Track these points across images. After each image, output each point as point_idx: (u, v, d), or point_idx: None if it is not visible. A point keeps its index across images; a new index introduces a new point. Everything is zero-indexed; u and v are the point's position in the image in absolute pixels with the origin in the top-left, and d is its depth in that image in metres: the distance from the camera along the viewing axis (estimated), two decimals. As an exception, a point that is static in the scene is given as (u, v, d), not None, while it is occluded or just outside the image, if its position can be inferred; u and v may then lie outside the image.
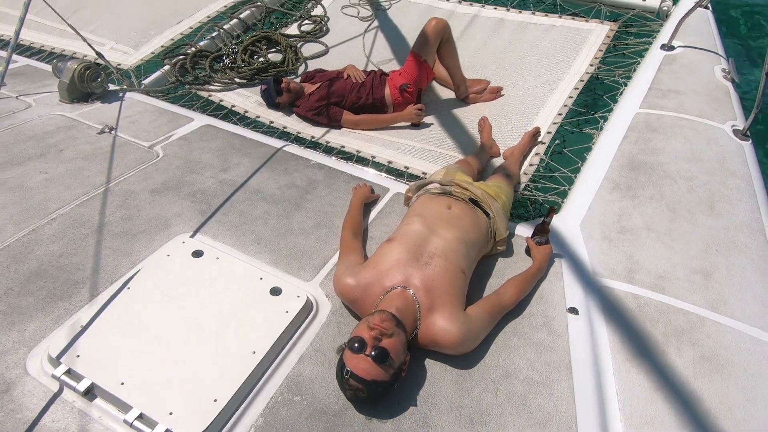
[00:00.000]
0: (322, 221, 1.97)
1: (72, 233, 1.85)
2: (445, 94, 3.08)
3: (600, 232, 1.94)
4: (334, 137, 2.80)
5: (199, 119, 2.61)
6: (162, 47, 3.46)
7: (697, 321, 1.60)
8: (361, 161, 2.62)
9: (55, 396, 1.34)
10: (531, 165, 2.53)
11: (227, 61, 3.33)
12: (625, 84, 2.82)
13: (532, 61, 3.19)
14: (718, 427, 1.32)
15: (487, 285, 1.76)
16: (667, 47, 2.86)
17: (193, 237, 1.85)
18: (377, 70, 3.07)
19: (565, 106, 2.82)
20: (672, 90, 2.57)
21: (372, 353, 1.25)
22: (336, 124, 2.87)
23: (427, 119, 2.87)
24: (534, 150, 2.61)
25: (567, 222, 2.00)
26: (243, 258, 1.78)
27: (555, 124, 2.73)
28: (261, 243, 1.86)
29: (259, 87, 3.01)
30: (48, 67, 2.97)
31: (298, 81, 3.06)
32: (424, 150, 2.68)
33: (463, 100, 2.99)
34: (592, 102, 2.85)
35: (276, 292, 1.60)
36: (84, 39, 2.83)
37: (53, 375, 1.36)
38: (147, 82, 3.10)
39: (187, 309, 1.53)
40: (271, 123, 2.92)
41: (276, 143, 2.46)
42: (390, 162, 2.61)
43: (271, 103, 2.98)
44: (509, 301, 1.60)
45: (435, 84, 3.13)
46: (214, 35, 3.52)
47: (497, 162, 2.56)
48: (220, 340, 1.45)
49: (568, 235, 1.94)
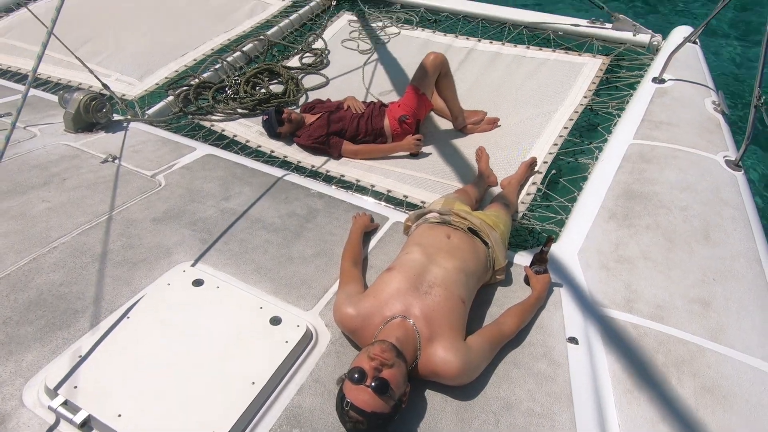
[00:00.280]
0: (322, 250, 1.98)
1: (73, 262, 1.85)
2: (443, 124, 3.15)
3: (598, 260, 1.95)
4: (333, 166, 2.84)
5: (202, 149, 2.65)
6: (166, 78, 3.54)
7: (697, 351, 1.60)
8: (361, 190, 2.65)
9: (51, 429, 1.32)
10: (528, 194, 2.57)
11: (230, 92, 3.41)
12: (619, 115, 2.89)
13: (527, 93, 3.27)
14: None
15: (487, 314, 1.76)
16: (658, 80, 2.95)
17: (194, 266, 1.86)
18: (377, 101, 3.15)
19: (561, 136, 2.88)
20: (664, 122, 2.63)
21: (372, 384, 1.25)
22: (336, 153, 2.91)
23: (426, 149, 2.92)
24: (531, 179, 2.65)
25: (565, 251, 2.02)
26: (243, 287, 1.78)
27: (551, 154, 2.78)
28: (261, 272, 1.86)
29: (261, 117, 3.08)
30: (54, 98, 3.03)
31: (298, 112, 3.12)
32: (422, 179, 2.72)
33: (461, 130, 3.05)
34: (586, 132, 2.91)
35: (276, 321, 1.60)
36: (91, 71, 2.90)
37: (49, 406, 1.35)
38: (151, 112, 3.16)
39: (187, 339, 1.53)
40: (272, 152, 2.97)
41: (277, 172, 2.49)
42: (389, 191, 2.64)
43: (273, 133, 3.03)
44: (509, 331, 1.60)
45: (433, 115, 3.20)
46: (217, 67, 3.61)
47: (495, 191, 2.60)
48: (219, 370, 1.44)
49: (566, 264, 1.96)
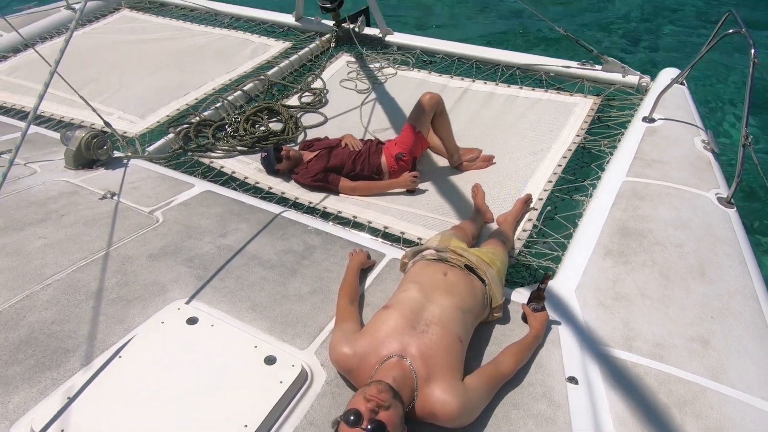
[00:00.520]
0: (318, 287, 1.97)
1: (66, 299, 1.83)
2: (440, 161, 3.20)
3: (595, 298, 1.95)
4: (331, 203, 2.87)
5: (200, 185, 2.67)
6: (168, 116, 3.61)
7: (699, 391, 1.58)
8: (358, 226, 2.66)
9: (35, 474, 1.28)
10: (524, 230, 2.58)
11: (230, 130, 3.47)
12: (611, 153, 2.94)
13: (521, 132, 3.34)
14: None
15: (485, 353, 1.74)
16: (648, 119, 3.02)
17: (189, 303, 1.84)
18: (374, 139, 3.21)
19: (555, 173, 2.93)
20: (656, 160, 2.68)
21: (369, 427, 1.22)
22: (333, 190, 2.94)
23: (422, 186, 2.96)
24: (527, 216, 2.67)
25: (562, 288, 2.02)
26: (238, 325, 1.76)
27: (546, 190, 2.82)
28: (257, 309, 1.84)
29: (260, 154, 3.12)
30: (56, 135, 3.07)
31: (297, 149, 3.17)
32: (419, 216, 2.74)
33: (457, 167, 3.10)
34: (580, 170, 2.96)
35: (270, 361, 1.57)
36: (93, 109, 2.96)
37: (35, 451, 1.30)
38: (151, 149, 3.21)
39: (179, 379, 1.50)
40: (270, 189, 3.00)
41: (274, 209, 2.51)
42: (386, 227, 2.65)
43: (271, 170, 3.07)
44: (507, 371, 1.58)
45: (429, 152, 3.25)
46: (218, 106, 3.69)
47: (491, 227, 2.61)
48: (212, 412, 1.40)
49: (563, 301, 1.95)
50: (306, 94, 3.92)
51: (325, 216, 2.74)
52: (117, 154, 2.95)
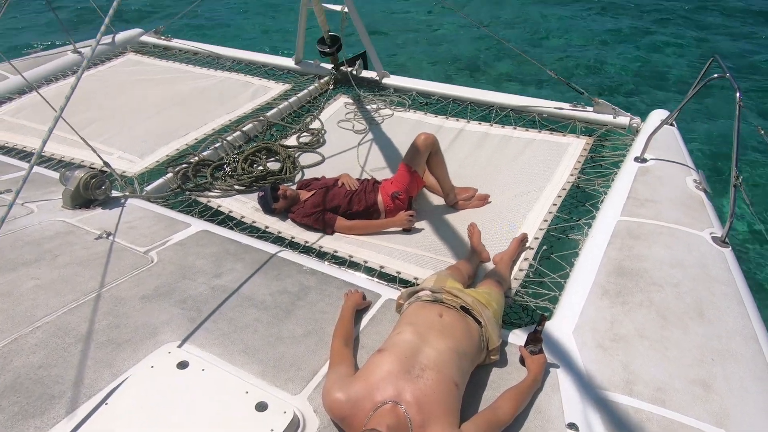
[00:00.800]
0: (312, 329, 1.94)
1: (55, 342, 1.80)
2: (435, 200, 3.22)
3: (593, 339, 1.92)
4: (327, 242, 2.87)
5: (197, 225, 2.68)
6: (167, 156, 3.66)
7: (703, 438, 1.53)
8: (354, 266, 2.65)
9: None
10: (521, 270, 2.57)
11: (228, 169, 3.51)
12: (605, 193, 2.97)
13: (516, 171, 3.39)
14: None
15: (482, 398, 1.69)
16: (640, 159, 3.07)
17: (180, 346, 1.81)
18: (370, 178, 3.24)
19: (550, 213, 2.95)
20: (649, 199, 2.71)
21: (361, 479, 1.17)
22: (330, 229, 2.95)
23: (418, 224, 2.97)
24: (523, 255, 2.67)
25: (560, 329, 1.99)
26: (230, 369, 1.72)
27: (542, 230, 2.83)
28: (249, 352, 1.81)
29: (257, 193, 3.15)
30: (55, 175, 3.10)
31: (294, 188, 3.20)
32: (415, 255, 2.73)
33: (452, 206, 3.12)
34: (575, 209, 2.98)
35: (262, 407, 1.53)
36: (93, 149, 3.00)
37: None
38: (149, 188, 3.23)
39: (167, 427, 1.45)
40: (266, 228, 3.00)
41: (270, 248, 2.50)
42: (382, 267, 2.64)
43: (268, 209, 3.08)
44: (506, 417, 1.53)
45: (425, 191, 3.29)
46: (217, 146, 3.75)
47: (488, 267, 2.60)
48: (198, 463, 1.35)
49: (561, 343, 1.92)
50: (304, 134, 4.00)
51: (321, 255, 2.74)
52: (115, 193, 2.97)
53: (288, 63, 5.02)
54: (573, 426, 1.58)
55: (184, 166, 3.48)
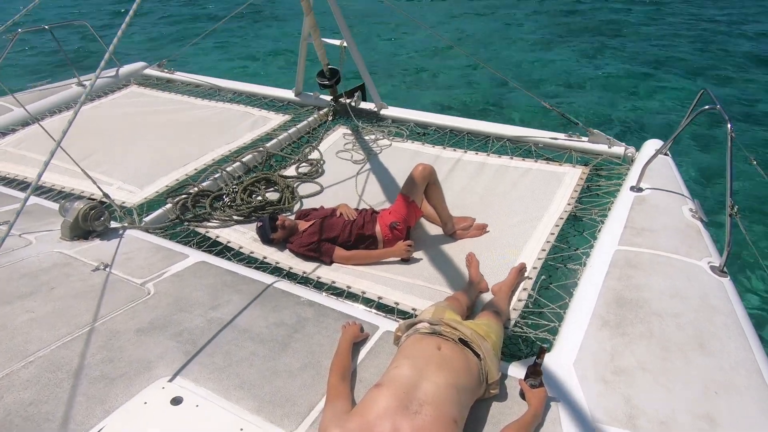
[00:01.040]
0: (309, 362, 1.91)
1: (47, 378, 1.77)
2: (433, 230, 3.23)
3: (594, 372, 1.89)
4: (325, 273, 2.85)
5: (194, 256, 2.67)
6: (167, 187, 3.68)
7: (709, 476, 1.49)
8: (352, 297, 2.63)
9: None
10: (520, 300, 2.56)
11: (227, 200, 3.53)
12: (602, 222, 2.98)
13: (513, 201, 3.41)
14: None
15: (482, 434, 1.66)
16: (636, 189, 3.10)
17: (175, 381, 1.78)
18: (368, 208, 3.26)
19: (548, 242, 2.95)
20: (646, 228, 2.72)
21: None
22: (328, 259, 2.94)
23: (417, 254, 2.97)
24: (522, 285, 2.66)
25: (560, 361, 1.96)
26: (225, 405, 1.69)
27: (540, 259, 2.82)
28: (245, 387, 1.78)
29: (255, 224, 3.15)
30: (54, 206, 3.11)
31: (293, 218, 3.21)
32: (413, 285, 2.72)
33: (451, 236, 3.12)
34: (572, 238, 2.99)
35: (256, 445, 1.49)
36: (93, 180, 3.02)
37: None
38: (148, 219, 3.24)
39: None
40: (264, 258, 3.00)
41: (267, 279, 2.49)
42: (380, 297, 2.62)
43: (266, 239, 3.08)
44: (506, 454, 1.50)
45: (423, 220, 3.30)
46: (216, 176, 3.78)
47: (486, 297, 2.59)
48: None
49: (562, 376, 1.89)
50: (303, 164, 4.04)
51: (319, 286, 2.72)
52: (114, 224, 2.98)
53: (288, 95, 5.12)
54: (576, 463, 1.54)
55: (183, 196, 3.50)
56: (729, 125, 2.54)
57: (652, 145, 3.63)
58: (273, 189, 3.70)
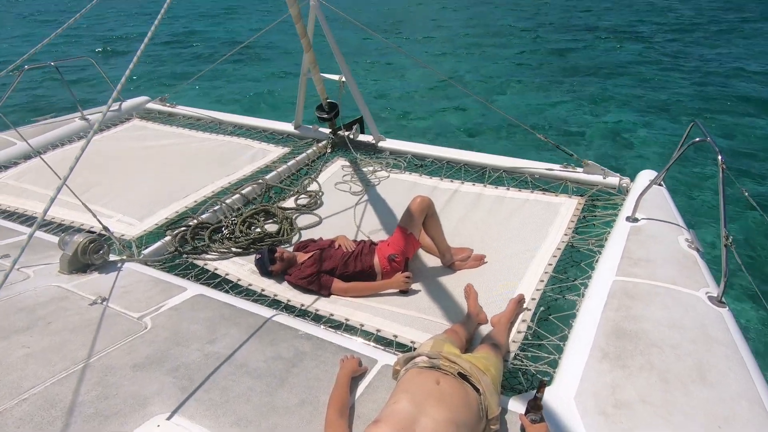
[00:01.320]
0: (307, 398, 1.89)
1: (40, 416, 1.74)
2: (432, 261, 3.24)
3: (595, 406, 1.87)
4: (323, 305, 2.85)
5: (192, 289, 2.67)
6: (166, 219, 3.70)
7: None
8: (350, 329, 2.62)
9: None
10: (519, 332, 2.54)
11: (226, 232, 3.54)
12: (599, 252, 3.00)
13: (510, 231, 3.43)
14: None
15: (483, 472, 1.62)
16: (632, 219, 3.13)
17: (170, 419, 1.75)
18: (367, 240, 3.28)
19: (546, 273, 2.96)
20: (643, 259, 2.73)
21: None
22: (326, 291, 2.94)
23: (415, 286, 2.97)
24: (521, 317, 2.65)
25: (561, 395, 1.94)
26: (220, 443, 1.66)
27: (538, 290, 2.82)
28: (241, 424, 1.75)
29: (254, 256, 3.16)
30: (54, 239, 3.12)
31: (291, 250, 3.22)
32: (412, 317, 2.71)
33: (449, 267, 3.13)
34: (570, 269, 2.99)
35: (252, 485, 1.46)
36: (93, 214, 3.04)
37: None
38: (147, 252, 3.24)
39: None
40: (263, 291, 2.99)
41: (265, 312, 2.48)
42: (379, 330, 2.61)
43: (265, 272, 3.09)
44: (507, 493, 1.47)
45: (421, 252, 3.31)
46: (216, 209, 3.80)
47: (485, 329, 2.57)
48: None
49: (563, 410, 1.87)
50: (302, 196, 4.08)
51: (317, 319, 2.71)
52: (113, 257, 2.98)
53: (287, 128, 5.21)
54: (579, 502, 1.50)
55: (182, 229, 3.51)
56: (720, 157, 2.59)
57: (646, 176, 3.68)
58: (272, 221, 3.73)
